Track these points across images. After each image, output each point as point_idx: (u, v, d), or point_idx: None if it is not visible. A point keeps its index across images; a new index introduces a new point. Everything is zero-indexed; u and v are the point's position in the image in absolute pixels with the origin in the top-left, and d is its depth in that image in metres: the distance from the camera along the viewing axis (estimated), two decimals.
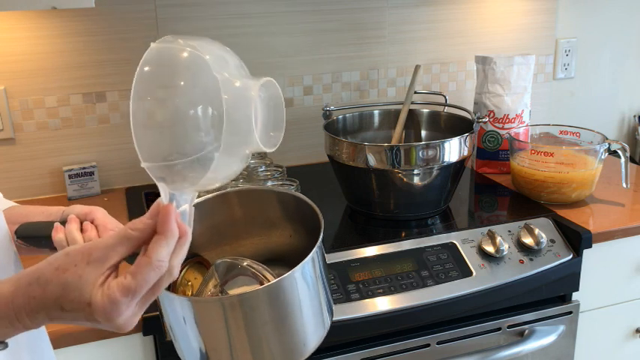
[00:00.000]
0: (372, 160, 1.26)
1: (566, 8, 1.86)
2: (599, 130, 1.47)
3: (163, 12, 1.49)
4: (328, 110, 1.47)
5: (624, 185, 1.40)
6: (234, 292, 0.71)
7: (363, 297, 1.11)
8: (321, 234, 0.71)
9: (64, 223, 0.76)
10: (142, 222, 0.58)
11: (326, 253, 1.15)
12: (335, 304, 1.09)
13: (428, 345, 1.18)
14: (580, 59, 1.92)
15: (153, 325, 1.01)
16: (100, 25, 1.46)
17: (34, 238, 0.78)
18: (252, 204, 0.81)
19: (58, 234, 0.75)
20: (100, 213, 0.77)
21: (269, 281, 0.70)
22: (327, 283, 0.75)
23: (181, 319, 0.68)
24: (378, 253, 1.19)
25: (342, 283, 1.12)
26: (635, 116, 2.04)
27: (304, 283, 0.68)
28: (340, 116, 1.52)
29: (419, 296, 1.14)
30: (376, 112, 1.58)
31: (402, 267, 1.17)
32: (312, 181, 1.55)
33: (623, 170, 1.38)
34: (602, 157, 1.37)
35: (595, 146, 1.39)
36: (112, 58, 1.48)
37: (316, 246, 0.68)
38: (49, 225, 0.76)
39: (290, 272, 0.65)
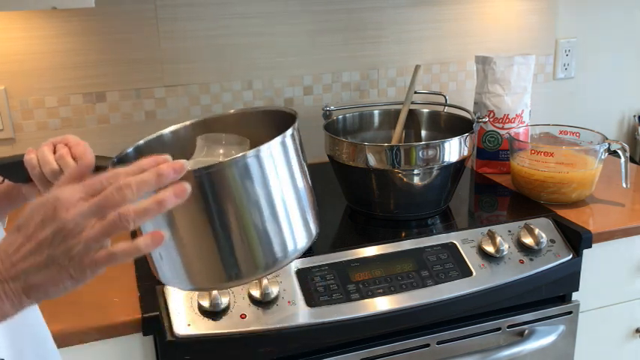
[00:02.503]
0: (372, 160, 1.26)
1: (566, 8, 1.86)
2: (599, 130, 1.47)
3: (163, 12, 1.49)
4: (328, 110, 1.47)
5: (624, 185, 1.40)
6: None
7: (363, 297, 1.11)
8: (294, 125, 0.67)
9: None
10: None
11: (326, 253, 1.16)
12: (335, 304, 1.09)
13: (428, 345, 1.18)
14: (580, 59, 1.92)
15: (153, 325, 1.01)
16: (100, 25, 1.46)
17: (7, 167, 0.77)
18: (232, 131, 0.77)
19: (29, 154, 0.76)
20: (72, 136, 0.78)
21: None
22: (309, 187, 0.70)
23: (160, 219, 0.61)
24: (378, 253, 1.19)
25: (342, 283, 1.12)
26: (635, 116, 2.04)
27: (278, 165, 0.63)
28: (340, 116, 1.52)
29: (419, 296, 1.14)
30: (376, 112, 1.58)
31: (402, 267, 1.17)
32: (312, 181, 1.55)
33: (623, 170, 1.38)
34: (602, 157, 1.37)
35: (595, 146, 1.39)
36: (112, 58, 1.48)
37: (286, 132, 0.64)
38: (22, 154, 0.76)
39: (257, 147, 0.61)
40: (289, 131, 0.65)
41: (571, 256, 1.26)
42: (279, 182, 0.63)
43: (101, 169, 0.67)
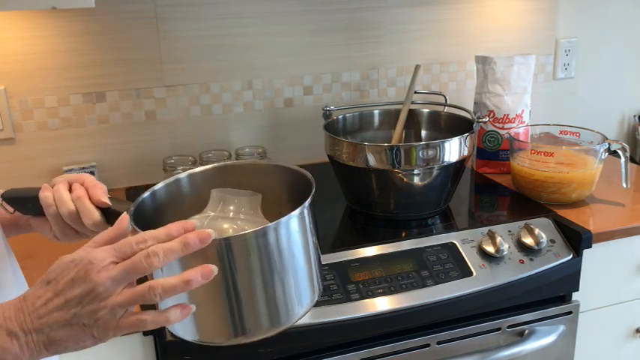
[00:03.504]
0: (372, 160, 1.26)
1: (566, 8, 1.86)
2: (599, 130, 1.47)
3: (163, 12, 1.49)
4: (328, 110, 1.47)
5: (624, 185, 1.40)
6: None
7: (363, 297, 1.11)
8: (311, 194, 0.71)
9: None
10: (108, 234, 0.63)
11: (326, 253, 1.16)
12: (335, 304, 1.09)
13: (428, 345, 1.18)
14: (580, 59, 1.92)
15: None
16: (100, 25, 1.46)
17: (20, 200, 0.77)
18: (245, 179, 0.80)
19: (45, 192, 0.76)
20: (88, 177, 0.78)
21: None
22: (317, 251, 0.73)
23: (164, 270, 0.64)
24: (378, 253, 1.19)
25: (342, 283, 1.12)
26: (635, 116, 2.04)
27: (293, 236, 0.67)
28: (340, 116, 1.52)
29: (419, 296, 1.14)
30: (376, 112, 1.58)
31: (402, 267, 1.17)
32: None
33: (623, 170, 1.38)
34: (602, 157, 1.37)
35: (595, 146, 1.39)
36: (112, 58, 1.48)
37: (306, 202, 0.68)
38: (37, 188, 0.76)
39: (277, 220, 0.65)
40: (307, 202, 0.69)
41: (571, 256, 1.26)
42: (293, 252, 0.67)
43: (116, 214, 0.71)
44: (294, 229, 0.67)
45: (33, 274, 0.81)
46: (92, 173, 1.50)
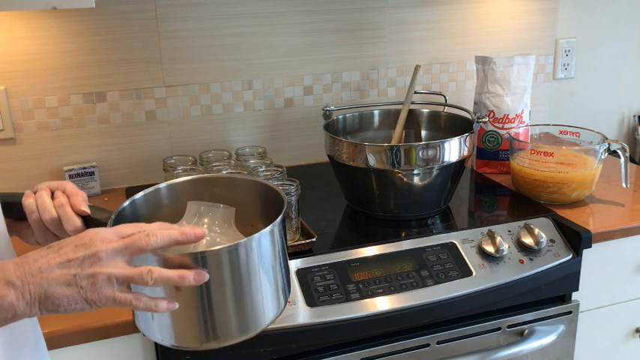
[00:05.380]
0: (372, 160, 1.26)
1: (566, 8, 1.86)
2: (599, 130, 1.47)
3: (163, 12, 1.49)
4: (328, 110, 1.47)
5: (624, 185, 1.40)
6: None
7: (363, 297, 1.11)
8: (282, 212, 0.75)
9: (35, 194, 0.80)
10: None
11: (326, 253, 1.16)
12: (335, 304, 1.09)
13: (428, 345, 1.18)
14: (580, 59, 1.92)
15: None
16: (101, 25, 1.46)
17: (4, 205, 0.79)
18: (221, 192, 0.84)
19: (28, 199, 0.78)
20: (69, 185, 0.81)
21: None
22: (286, 266, 0.78)
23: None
24: (378, 253, 1.19)
25: (342, 283, 1.12)
26: (635, 116, 2.04)
27: (263, 252, 0.73)
28: (340, 116, 1.52)
29: (419, 296, 1.14)
30: (376, 112, 1.58)
31: (402, 267, 1.17)
32: (312, 181, 1.55)
33: (623, 170, 1.38)
34: (602, 157, 1.37)
35: (595, 146, 1.39)
36: (112, 58, 1.48)
37: (277, 220, 0.73)
38: (20, 194, 0.79)
39: (249, 237, 0.70)
40: (278, 220, 0.73)
41: (571, 256, 1.26)
42: (262, 266, 0.73)
43: (95, 221, 0.76)
44: (264, 246, 0.73)
45: None
46: (92, 173, 1.50)
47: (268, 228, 0.72)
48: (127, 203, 0.79)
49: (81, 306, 0.63)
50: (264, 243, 0.72)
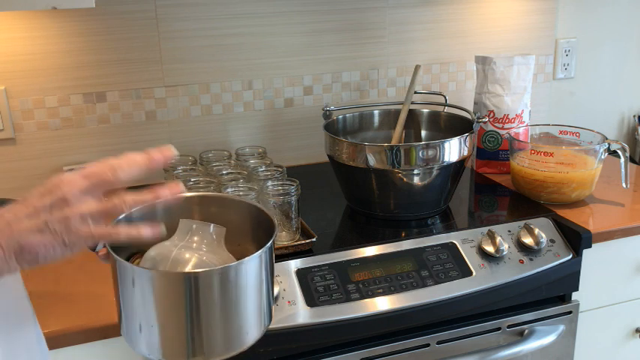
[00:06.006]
0: (372, 160, 1.26)
1: (566, 8, 1.86)
2: (599, 130, 1.47)
3: (163, 12, 1.49)
4: (328, 110, 1.47)
5: (624, 185, 1.40)
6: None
7: (363, 297, 1.11)
8: (272, 238, 0.76)
9: None
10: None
11: (326, 252, 1.16)
12: (335, 304, 1.09)
13: (428, 345, 1.19)
14: (580, 59, 1.92)
15: None
16: (101, 25, 1.46)
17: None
18: (215, 210, 0.86)
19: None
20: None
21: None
22: (271, 289, 0.80)
23: (137, 293, 0.72)
24: (378, 253, 1.19)
25: (342, 283, 1.12)
26: (635, 116, 2.04)
27: (251, 275, 0.74)
28: (340, 116, 1.52)
29: (419, 296, 1.14)
30: (376, 112, 1.58)
31: (402, 267, 1.17)
32: (312, 181, 1.55)
33: (623, 170, 1.38)
34: (602, 157, 1.37)
35: (595, 146, 1.39)
36: (112, 58, 1.48)
37: (266, 246, 0.74)
38: (8, 200, 0.79)
39: (240, 261, 0.72)
40: (267, 246, 0.75)
41: (571, 256, 1.26)
42: (248, 289, 0.75)
43: None
44: (252, 269, 0.74)
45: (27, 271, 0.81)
46: None
47: (258, 253, 0.74)
48: (121, 217, 0.79)
49: (60, 250, 0.62)
50: (253, 267, 0.74)
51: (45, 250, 0.61)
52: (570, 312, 1.30)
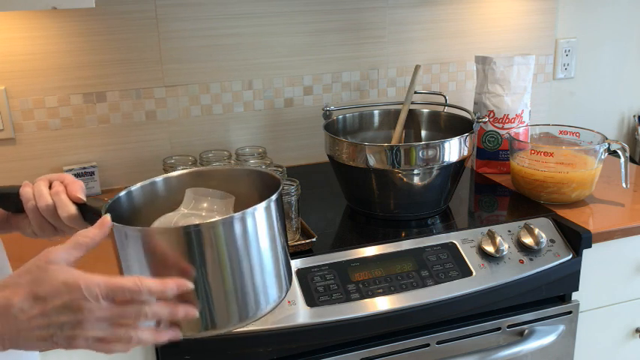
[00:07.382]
0: (372, 160, 1.26)
1: (566, 8, 1.86)
2: (599, 130, 1.47)
3: (163, 12, 1.49)
4: (328, 110, 1.47)
5: (624, 185, 1.40)
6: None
7: (363, 297, 1.11)
8: (278, 190, 0.72)
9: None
10: (92, 231, 0.65)
11: (326, 252, 1.16)
12: (335, 304, 1.09)
13: (428, 345, 1.19)
14: (580, 59, 1.92)
15: None
16: (101, 25, 1.46)
17: (2, 196, 0.80)
18: (218, 185, 0.82)
19: (25, 187, 0.78)
20: (68, 175, 0.81)
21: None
22: (287, 248, 0.75)
23: (133, 257, 0.67)
24: (378, 252, 1.19)
25: (342, 283, 1.12)
26: (635, 116, 2.04)
27: (260, 228, 0.69)
28: (340, 116, 1.52)
29: (419, 296, 1.14)
30: (376, 112, 1.58)
31: (401, 267, 1.17)
32: (312, 181, 1.55)
33: (623, 170, 1.38)
34: (602, 157, 1.37)
35: (595, 146, 1.39)
36: (112, 58, 1.48)
37: (273, 196, 0.70)
38: (18, 186, 0.79)
39: (244, 210, 0.67)
40: (274, 197, 0.71)
41: (571, 256, 1.26)
42: (259, 244, 0.69)
43: (91, 209, 0.75)
44: (260, 222, 0.69)
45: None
46: (92, 173, 1.50)
47: (264, 203, 0.68)
48: (123, 193, 0.78)
49: (51, 348, 0.63)
50: (260, 219, 0.68)
51: (37, 349, 0.63)
52: (570, 312, 1.30)
